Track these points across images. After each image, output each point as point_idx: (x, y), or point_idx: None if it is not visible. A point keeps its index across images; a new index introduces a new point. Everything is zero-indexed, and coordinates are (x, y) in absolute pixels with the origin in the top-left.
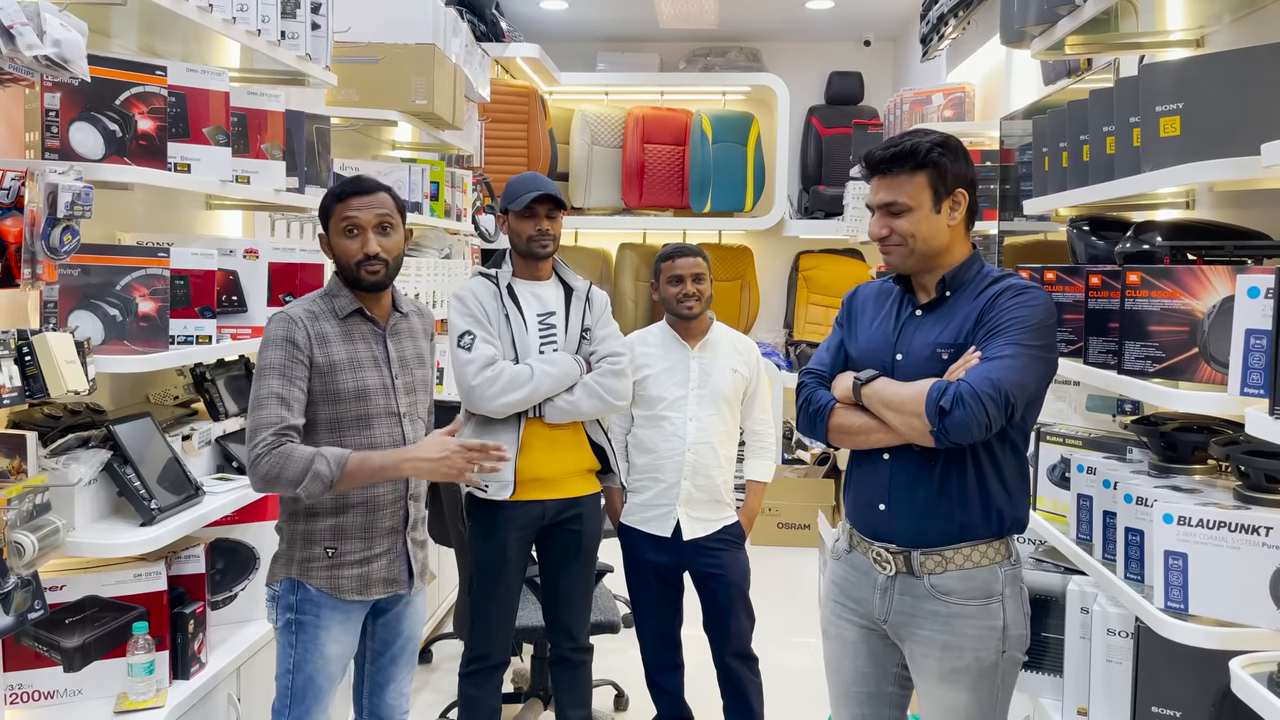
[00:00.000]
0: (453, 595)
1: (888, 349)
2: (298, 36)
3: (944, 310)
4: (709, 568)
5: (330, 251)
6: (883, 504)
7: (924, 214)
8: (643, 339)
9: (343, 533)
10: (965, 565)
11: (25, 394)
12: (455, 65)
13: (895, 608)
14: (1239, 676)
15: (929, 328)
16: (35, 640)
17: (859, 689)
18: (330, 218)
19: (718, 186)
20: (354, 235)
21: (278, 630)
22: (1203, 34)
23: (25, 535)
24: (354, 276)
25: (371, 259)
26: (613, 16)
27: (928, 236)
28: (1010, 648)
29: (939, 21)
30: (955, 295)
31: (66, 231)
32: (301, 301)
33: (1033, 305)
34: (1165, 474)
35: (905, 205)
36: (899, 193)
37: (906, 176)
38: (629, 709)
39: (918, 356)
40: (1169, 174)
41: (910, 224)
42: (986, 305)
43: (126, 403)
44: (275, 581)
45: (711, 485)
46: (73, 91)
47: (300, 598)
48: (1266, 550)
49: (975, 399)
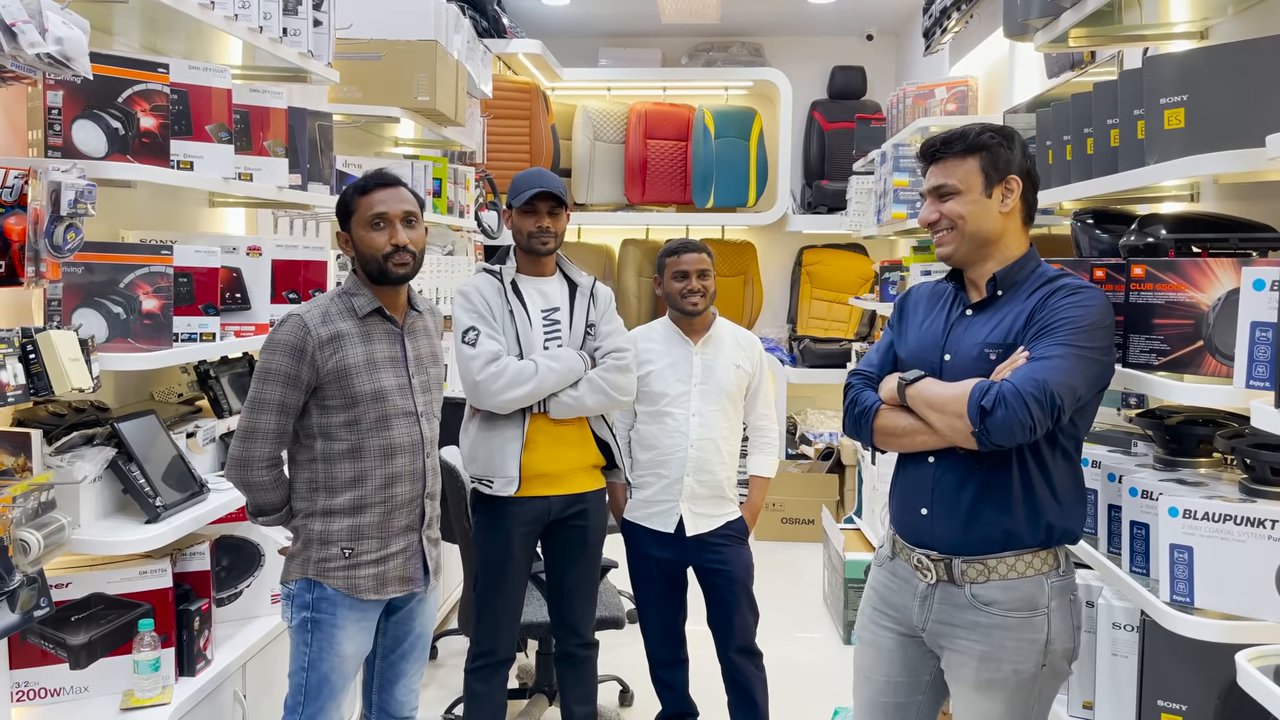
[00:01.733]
0: (458, 591)
1: (936, 349)
2: (300, 33)
3: (995, 309)
4: (712, 563)
5: (351, 248)
6: (925, 508)
7: (974, 197)
8: (645, 335)
9: (359, 533)
10: (1009, 575)
11: (30, 392)
12: (457, 61)
13: (934, 616)
14: (1245, 670)
15: (979, 327)
16: (41, 638)
17: (888, 699)
18: (353, 212)
19: (720, 182)
20: (381, 228)
21: (293, 628)
22: (1207, 26)
23: (31, 533)
24: (381, 270)
25: (400, 250)
26: (615, 12)
27: (979, 221)
28: (1052, 661)
29: (941, 15)
30: (1008, 294)
31: (70, 229)
32: (318, 302)
33: (1087, 305)
34: (1170, 467)
35: (954, 188)
36: (949, 175)
37: (956, 160)
38: (634, 704)
39: (966, 357)
40: (1173, 166)
41: (959, 206)
42: (1038, 304)
43: (131, 400)
44: (290, 580)
45: (714, 481)
46: (75, 89)
47: (316, 596)
48: (1272, 543)
49: (1019, 399)
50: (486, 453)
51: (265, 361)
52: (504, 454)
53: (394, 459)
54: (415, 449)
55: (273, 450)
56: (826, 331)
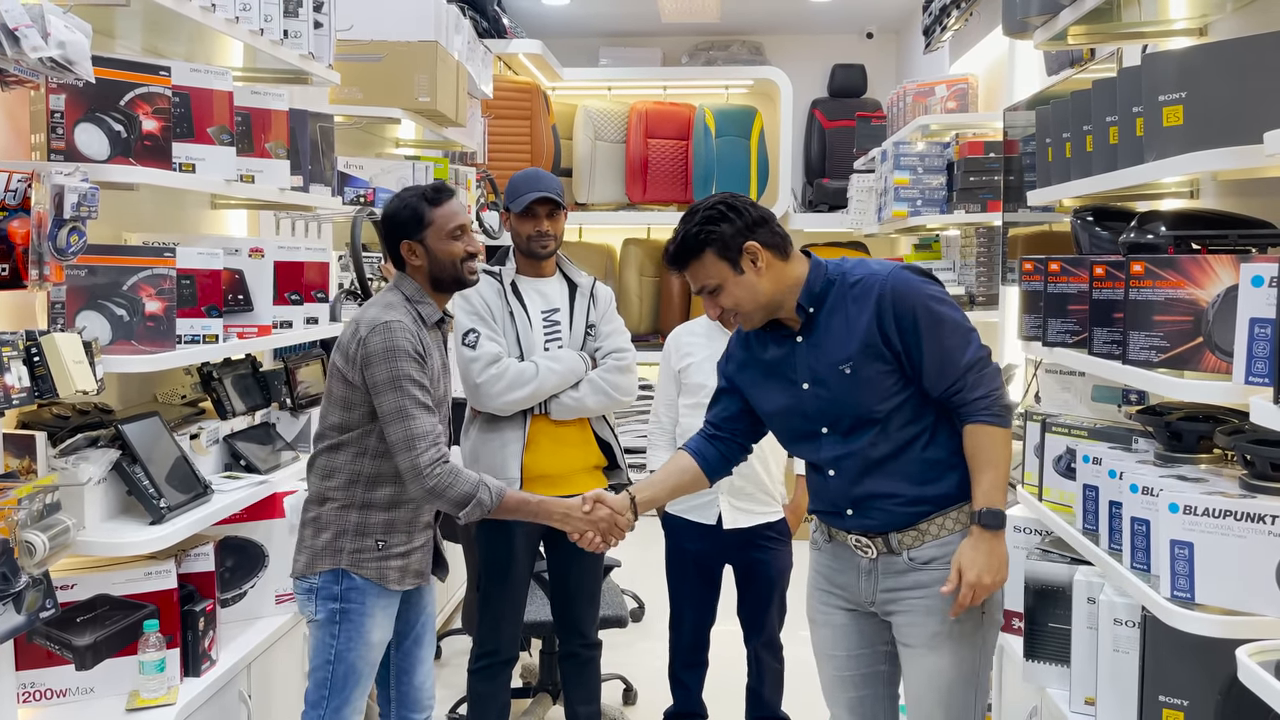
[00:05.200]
0: (461, 591)
1: (795, 389)
2: (300, 35)
3: (821, 330)
4: (749, 561)
5: (422, 256)
6: (849, 509)
7: (733, 281)
8: (689, 329)
9: (393, 526)
10: (941, 535)
11: (34, 394)
12: (458, 62)
13: (880, 586)
14: (1246, 665)
15: (819, 351)
16: (47, 639)
17: (852, 672)
18: (428, 224)
19: (721, 180)
20: (459, 236)
21: (317, 623)
22: (1205, 23)
23: (36, 535)
24: (456, 277)
25: (473, 257)
26: (615, 11)
27: (752, 294)
28: (990, 609)
29: (941, 13)
30: (819, 310)
31: (73, 232)
32: (391, 311)
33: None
34: (1171, 463)
35: (713, 285)
36: (701, 278)
37: (696, 264)
38: (638, 703)
39: (825, 380)
40: (1172, 163)
41: (728, 297)
42: (881, 320)
43: (134, 402)
44: (314, 573)
45: (754, 475)
46: (77, 93)
47: (346, 587)
48: (1272, 538)
49: (1006, 410)
50: (488, 454)
51: (392, 370)
52: (505, 455)
53: None
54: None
55: (434, 425)
56: None
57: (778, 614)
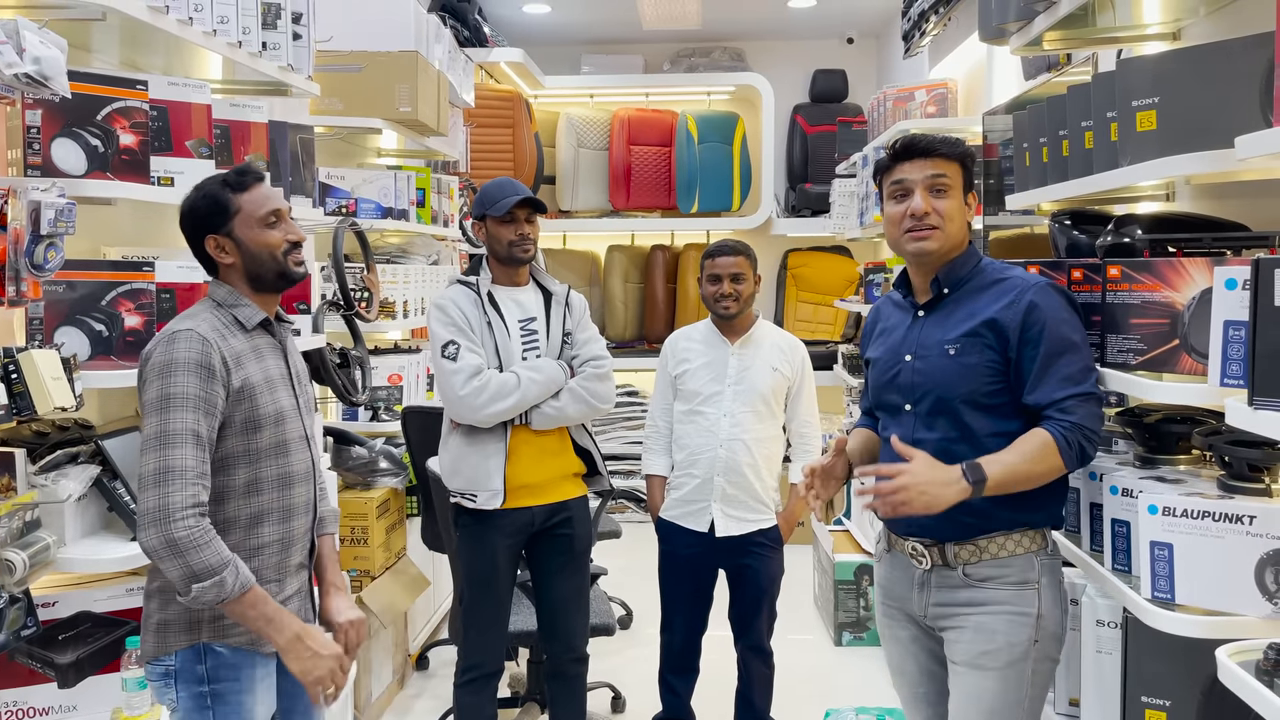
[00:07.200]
0: (448, 602)
1: (898, 354)
2: (279, 47)
3: (945, 309)
4: (741, 568)
5: (233, 251)
6: None
7: (957, 199)
8: (687, 334)
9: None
10: (1000, 554)
11: (12, 412)
12: (439, 71)
13: (932, 600)
14: (1226, 665)
15: (933, 328)
16: (28, 657)
17: (925, 689)
18: (234, 213)
19: (704, 186)
20: (274, 224)
21: (181, 713)
22: (1179, 27)
23: (16, 553)
24: (280, 271)
25: (297, 247)
26: (596, 19)
27: (959, 222)
28: (1044, 639)
29: (920, 19)
30: (954, 293)
31: (50, 248)
32: (186, 320)
33: (1060, 307)
34: (1150, 465)
35: (949, 183)
36: (947, 168)
37: (945, 161)
38: (626, 710)
39: (927, 355)
40: (1146, 168)
41: (950, 204)
42: (1012, 312)
43: (114, 417)
44: (166, 654)
45: (746, 484)
46: (54, 108)
47: (213, 664)
48: (1250, 539)
49: (1081, 451)
50: (469, 466)
51: (162, 388)
52: (488, 467)
53: (291, 489)
54: (308, 476)
55: (199, 466)
56: (813, 334)
57: (768, 620)
